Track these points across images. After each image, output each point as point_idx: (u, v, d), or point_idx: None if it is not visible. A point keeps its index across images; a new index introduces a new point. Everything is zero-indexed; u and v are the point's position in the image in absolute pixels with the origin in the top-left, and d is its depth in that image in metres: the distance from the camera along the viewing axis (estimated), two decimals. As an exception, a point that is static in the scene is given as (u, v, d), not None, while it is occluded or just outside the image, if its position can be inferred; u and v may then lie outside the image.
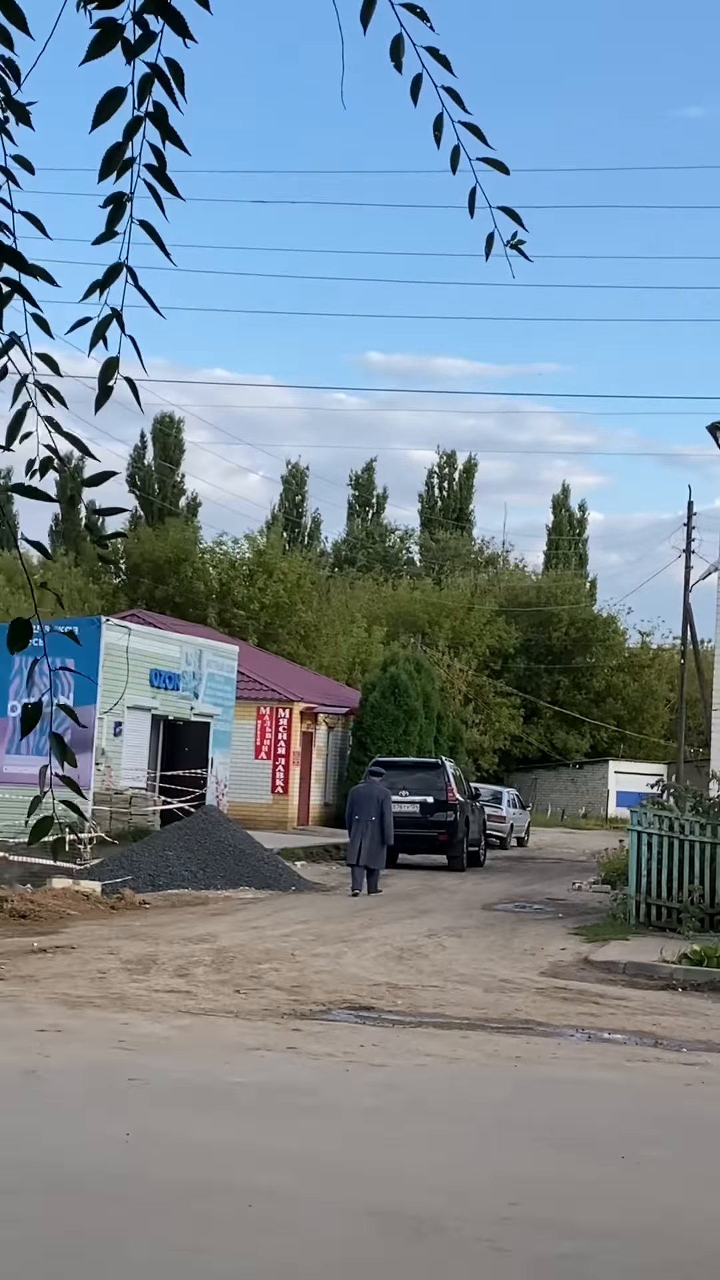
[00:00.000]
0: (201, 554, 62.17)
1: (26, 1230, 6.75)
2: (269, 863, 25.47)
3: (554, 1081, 10.56)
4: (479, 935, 19.35)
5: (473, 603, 70.76)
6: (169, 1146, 8.29)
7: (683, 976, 15.86)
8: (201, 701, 35.55)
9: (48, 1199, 7.20)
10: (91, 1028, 11.74)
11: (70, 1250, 6.52)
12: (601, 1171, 8.18)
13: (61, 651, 30.58)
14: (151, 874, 23.72)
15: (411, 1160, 8.24)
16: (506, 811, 43.32)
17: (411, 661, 47.48)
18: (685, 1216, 7.40)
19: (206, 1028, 12.00)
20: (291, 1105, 9.44)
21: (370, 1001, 13.70)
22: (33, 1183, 7.44)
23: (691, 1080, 10.80)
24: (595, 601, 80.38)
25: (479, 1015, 13.19)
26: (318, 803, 44.60)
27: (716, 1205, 7.64)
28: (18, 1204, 7.09)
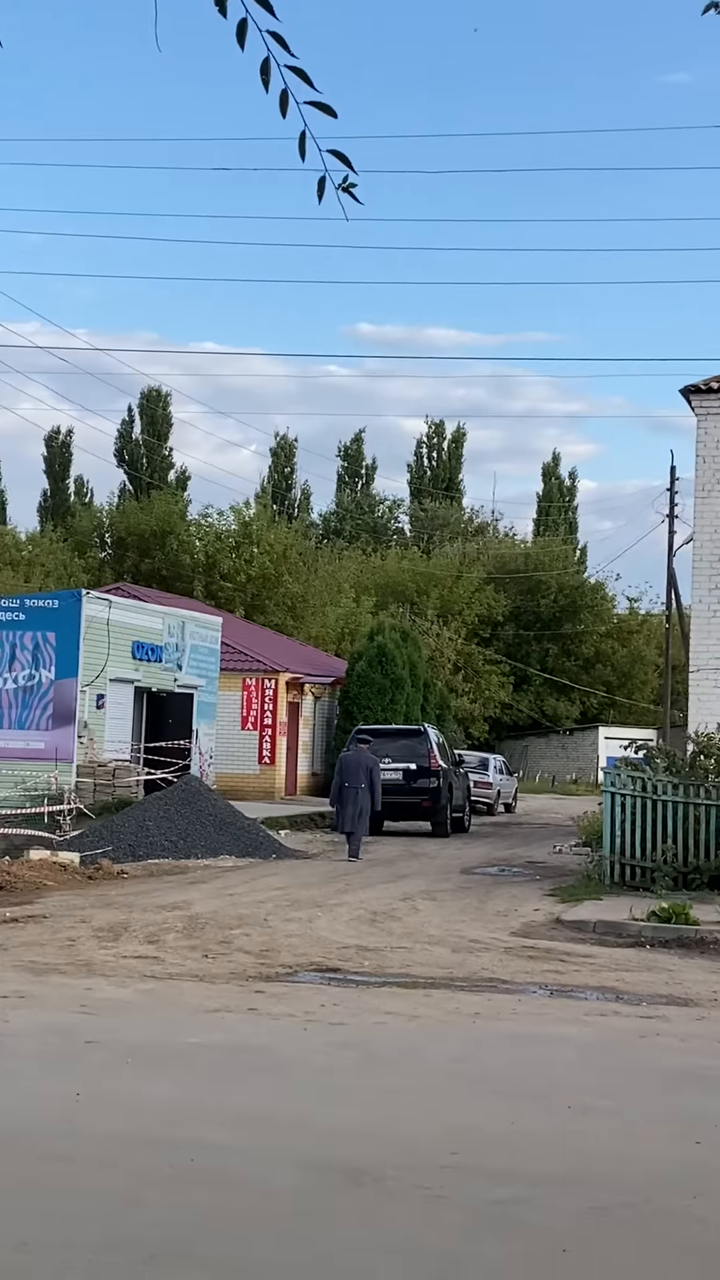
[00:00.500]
0: (187, 527, 62.14)
1: (-34, 1186, 6.83)
2: (250, 831, 25.55)
3: (511, 1036, 10.65)
4: (454, 898, 19.44)
5: (461, 571, 70.77)
6: (119, 1105, 8.37)
7: (651, 934, 15.95)
8: (185, 673, 35.55)
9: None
10: (54, 993, 11.82)
11: (8, 1205, 6.60)
12: (547, 1121, 8.27)
13: (43, 625, 30.72)
14: (131, 844, 23.79)
15: (359, 1114, 8.33)
16: (493, 778, 43.41)
17: (398, 630, 47.49)
18: (623, 1163, 7.48)
19: (170, 992, 12.08)
20: (246, 1064, 9.53)
21: (337, 964, 13.78)
22: (-22, 1141, 7.52)
23: (646, 1033, 10.89)
24: (585, 569, 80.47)
25: (444, 975, 13.28)
26: (305, 772, 44.68)
27: (654, 1152, 7.73)
28: (-40, 1161, 7.17)
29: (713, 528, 26.58)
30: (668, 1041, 10.63)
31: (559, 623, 72.75)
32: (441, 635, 66.05)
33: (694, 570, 27.16)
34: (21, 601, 32.27)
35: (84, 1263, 5.89)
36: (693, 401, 27.11)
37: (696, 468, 27.14)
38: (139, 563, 60.66)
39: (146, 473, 78.71)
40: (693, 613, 27.84)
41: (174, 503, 65.54)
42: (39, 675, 30.69)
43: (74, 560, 60.79)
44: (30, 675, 30.75)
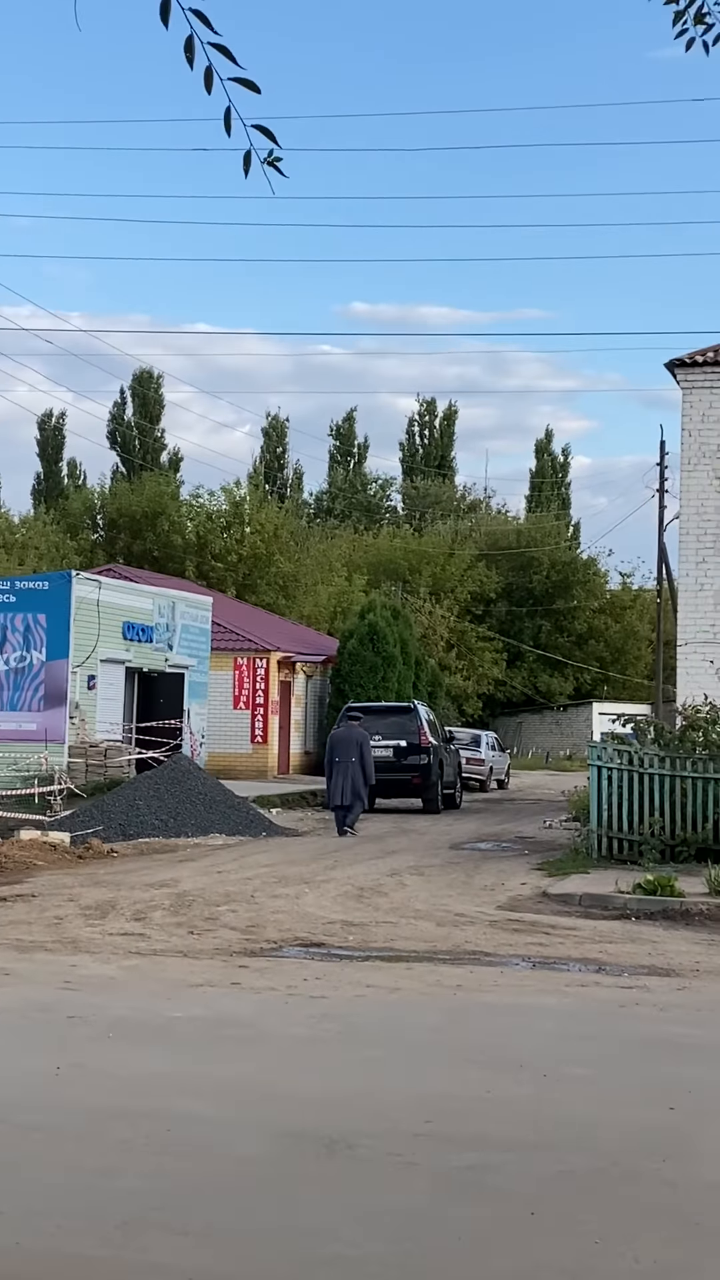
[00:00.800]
0: (179, 507, 62.14)
1: (-58, 1158, 6.90)
2: (240, 809, 25.63)
3: (491, 1007, 10.72)
4: (441, 873, 19.52)
5: (453, 549, 70.78)
6: (98, 1078, 8.43)
7: (636, 906, 16.04)
8: (176, 653, 35.62)
9: (-31, 1129, 7.34)
10: (39, 970, 11.89)
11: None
12: (522, 1090, 8.34)
13: (33, 607, 30.75)
14: (122, 823, 23.88)
15: (335, 1084, 8.40)
16: (485, 754, 43.47)
17: (389, 608, 47.55)
18: (595, 1129, 7.55)
19: (154, 968, 12.15)
20: (226, 1037, 9.59)
21: (322, 938, 13.86)
22: (-45, 1114, 7.58)
23: (626, 1003, 10.96)
24: (578, 545, 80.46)
25: (427, 949, 13.35)
26: (298, 751, 44.77)
27: (627, 1117, 7.80)
28: (-63, 1134, 7.24)
29: (698, 502, 26.64)
30: (647, 1011, 10.70)
31: (552, 599, 72.78)
32: (434, 613, 66.12)
33: (680, 545, 27.23)
34: (12, 583, 32.31)
35: (53, 1229, 5.96)
36: (678, 375, 27.14)
37: (682, 441, 27.19)
38: (131, 544, 60.70)
39: (139, 455, 78.70)
40: (680, 587, 27.91)
41: (165, 484, 65.52)
42: (30, 657, 30.75)
43: (66, 542, 60.82)
44: (21, 657, 30.80)
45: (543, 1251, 5.83)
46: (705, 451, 26.79)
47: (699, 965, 12.77)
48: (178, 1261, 5.68)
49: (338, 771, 26.27)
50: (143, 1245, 5.84)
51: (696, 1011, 10.74)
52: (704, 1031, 10.07)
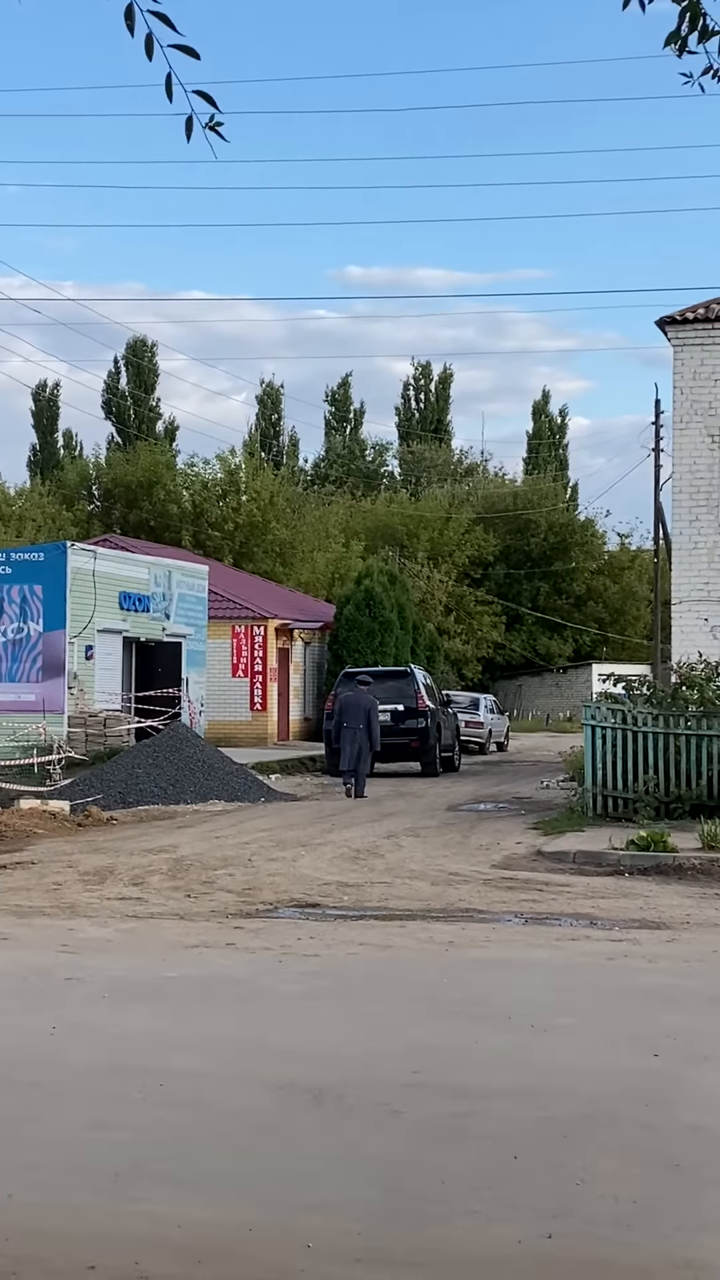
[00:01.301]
0: (174, 476, 62.14)
1: (-62, 1115, 7.04)
2: (238, 776, 25.78)
3: (481, 962, 10.86)
4: (437, 834, 19.67)
5: (450, 513, 70.79)
6: (93, 1037, 8.57)
7: (629, 862, 16.18)
8: (173, 622, 35.73)
9: (-35, 1087, 7.48)
10: (37, 934, 12.04)
11: (-21, 1131, 6.80)
12: (509, 1040, 8.48)
13: (29, 578, 30.85)
14: (121, 791, 24.03)
15: (325, 1038, 8.54)
16: (484, 717, 43.63)
17: (385, 574, 47.62)
18: (579, 1077, 7.69)
19: (150, 930, 12.30)
20: (220, 995, 9.74)
21: (317, 899, 14.01)
22: (-49, 1073, 7.72)
23: (615, 955, 11.10)
24: (576, 506, 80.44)
25: (421, 907, 13.50)
26: (297, 717, 44.92)
27: (612, 1065, 7.94)
28: (-67, 1093, 7.38)
29: (691, 460, 26.69)
30: (636, 963, 10.84)
31: (550, 561, 72.80)
32: (432, 578, 66.20)
33: (674, 503, 27.30)
34: (7, 555, 32.39)
35: (46, 1181, 6.10)
36: (669, 333, 27.15)
37: (674, 400, 27.23)
38: (127, 514, 60.76)
39: (134, 425, 78.69)
40: (674, 546, 27.98)
41: (160, 453, 65.52)
42: (27, 628, 30.86)
43: (62, 513, 60.86)
44: (19, 628, 30.92)
45: (524, 1193, 5.97)
46: (697, 409, 26.83)
47: (689, 918, 12.92)
48: (169, 1210, 5.81)
49: (345, 736, 26.61)
50: (135, 1195, 5.98)
51: (684, 963, 10.88)
52: (691, 981, 10.22)
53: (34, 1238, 5.54)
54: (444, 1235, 5.56)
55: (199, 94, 3.51)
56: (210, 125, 3.58)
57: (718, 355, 26.80)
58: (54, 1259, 5.35)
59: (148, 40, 3.55)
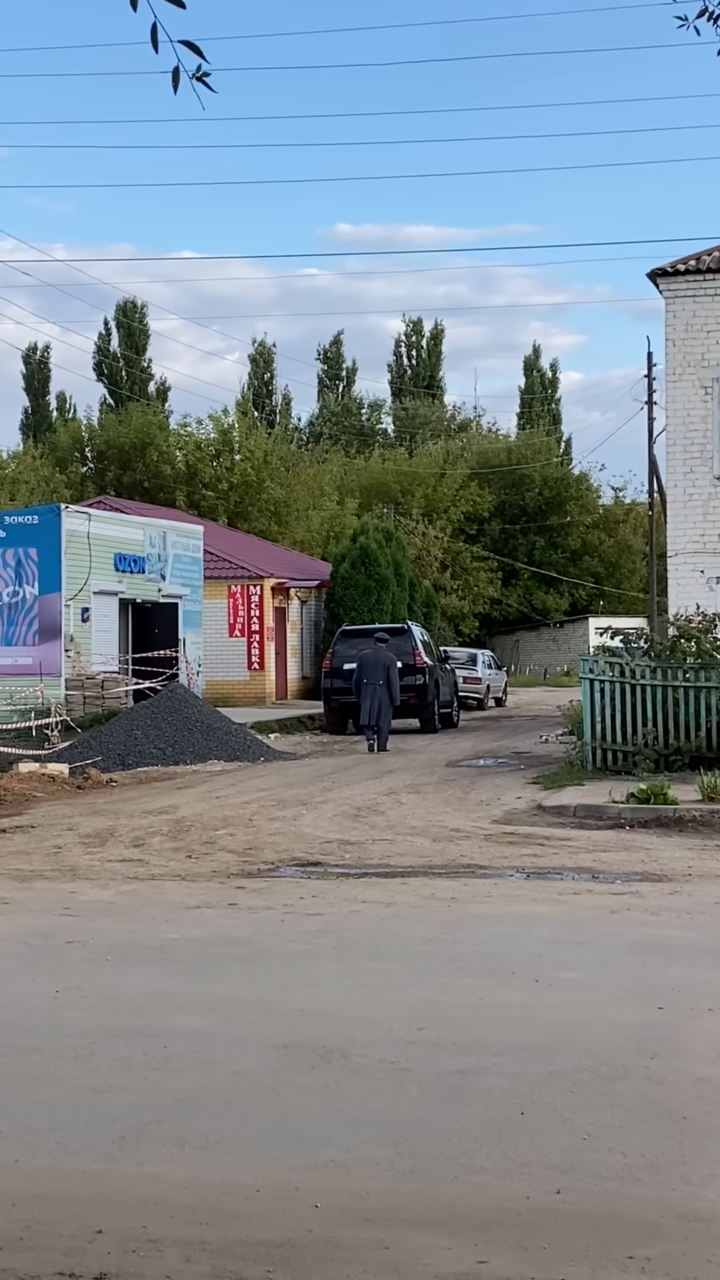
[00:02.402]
0: (167, 437, 61.92)
1: (-58, 1081, 7.01)
2: (237, 736, 25.75)
3: (484, 918, 10.85)
4: (437, 790, 19.66)
5: (445, 469, 70.63)
6: (96, 1000, 8.55)
7: (630, 815, 16.17)
8: (169, 583, 35.64)
9: (-32, 1053, 7.46)
10: (38, 898, 12.01)
11: (-17, 1096, 6.78)
12: (514, 996, 8.46)
13: (24, 542, 30.75)
14: (121, 753, 24.00)
15: (329, 997, 8.52)
16: (482, 673, 43.60)
17: (381, 531, 47.48)
18: (585, 1030, 7.67)
19: (152, 892, 12.28)
20: (223, 955, 9.72)
21: (319, 858, 13.99)
22: (-45, 1039, 7.70)
23: (618, 908, 11.09)
24: (571, 461, 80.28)
25: (423, 864, 13.48)
26: (295, 676, 44.88)
27: (617, 1018, 7.92)
28: (-63, 1058, 7.35)
29: (684, 412, 26.59)
30: (638, 915, 10.83)
31: (545, 515, 72.71)
32: (427, 534, 66.08)
33: (668, 455, 27.22)
34: (1, 519, 32.27)
35: (51, 1146, 6.07)
36: (660, 285, 27.02)
37: (667, 352, 27.11)
38: (120, 475, 60.58)
39: (126, 386, 78.36)
40: (669, 498, 27.91)
41: (153, 414, 65.26)
42: (22, 591, 30.78)
43: (56, 476, 60.65)
44: (14, 592, 30.84)
45: (531, 1149, 5.95)
46: (690, 361, 26.71)
47: (691, 870, 12.91)
48: (174, 1172, 5.79)
49: (366, 693, 27.33)
50: (140, 1158, 5.96)
51: (687, 915, 10.87)
52: (694, 934, 10.20)
53: (41, 1202, 5.52)
54: (452, 1193, 5.54)
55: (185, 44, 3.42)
56: (197, 76, 3.50)
57: (709, 307, 26.67)
58: (61, 1223, 5.33)
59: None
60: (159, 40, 3.30)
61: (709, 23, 5.13)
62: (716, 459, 26.51)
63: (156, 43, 3.33)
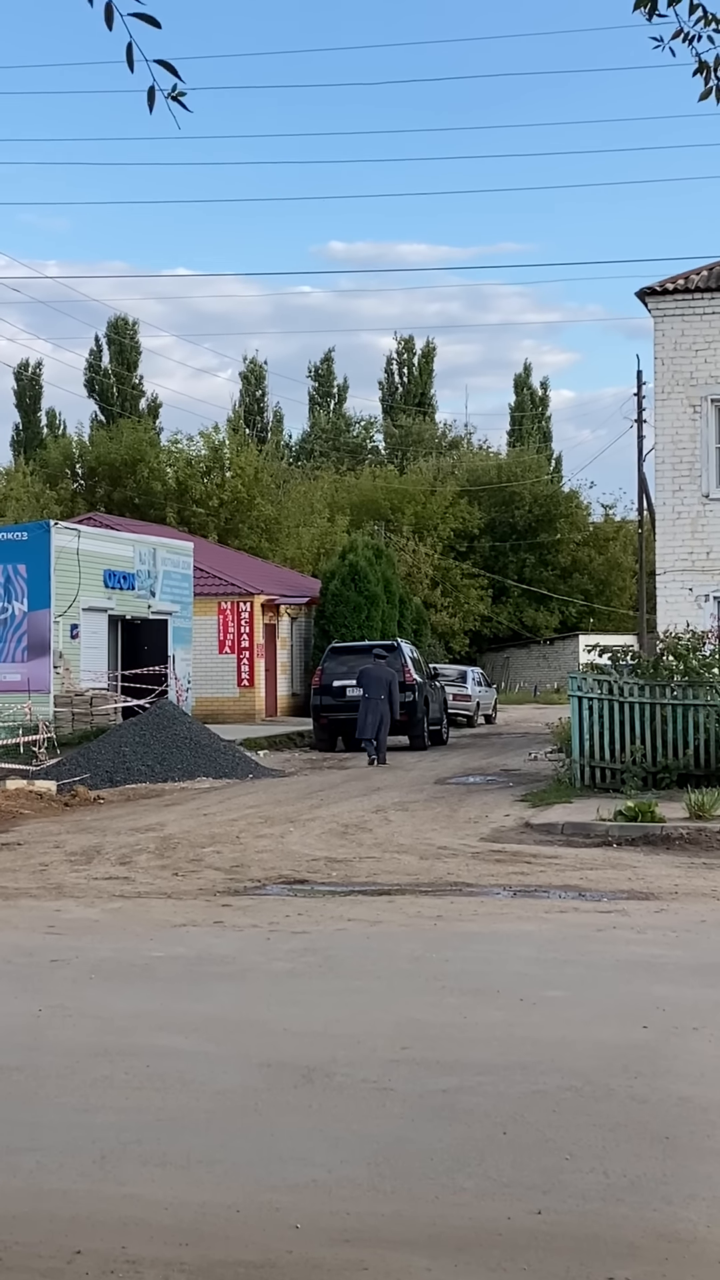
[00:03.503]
0: (158, 454, 61.92)
1: None
2: (226, 753, 25.71)
3: (470, 936, 10.83)
4: (426, 808, 19.63)
5: (435, 486, 70.69)
6: (79, 1018, 8.52)
7: (618, 833, 16.16)
8: (159, 599, 35.64)
9: (-50, 1072, 7.42)
10: (23, 916, 11.98)
11: (-36, 1116, 6.75)
12: (498, 1014, 8.44)
13: (12, 558, 30.71)
14: (109, 770, 23.96)
15: (313, 1015, 8.49)
16: (472, 690, 43.60)
17: (370, 548, 47.48)
18: (568, 1049, 7.66)
19: (137, 910, 12.25)
20: (207, 973, 9.69)
21: (306, 875, 13.97)
22: (-63, 1058, 7.66)
23: (604, 926, 11.08)
24: (561, 478, 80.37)
25: (410, 881, 13.46)
26: (285, 693, 44.84)
27: (601, 1037, 7.90)
28: None
29: (673, 429, 26.63)
30: (624, 934, 10.82)
31: (535, 533, 72.76)
32: (418, 551, 66.10)
33: (656, 474, 27.25)
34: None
35: (31, 1166, 6.05)
36: (649, 304, 27.08)
37: (656, 371, 27.15)
38: (111, 492, 60.57)
39: (117, 403, 78.45)
40: (657, 516, 27.93)
41: (144, 431, 65.27)
42: (11, 608, 30.76)
43: (46, 492, 60.61)
44: (3, 608, 30.82)
45: (513, 1169, 5.93)
46: (678, 380, 26.76)
47: (678, 888, 12.90)
48: (155, 1192, 5.77)
49: (368, 707, 27.97)
50: (121, 1178, 5.93)
51: (673, 933, 10.86)
52: (679, 952, 10.19)
53: (19, 1223, 5.49)
54: (434, 1213, 5.52)
55: (160, 63, 3.43)
56: (173, 95, 3.50)
57: (698, 325, 26.73)
58: (40, 1244, 5.30)
59: (107, 9, 3.48)
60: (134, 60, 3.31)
61: (684, 43, 5.14)
62: (705, 477, 26.54)
63: (132, 62, 3.34)
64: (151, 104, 3.49)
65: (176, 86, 3.48)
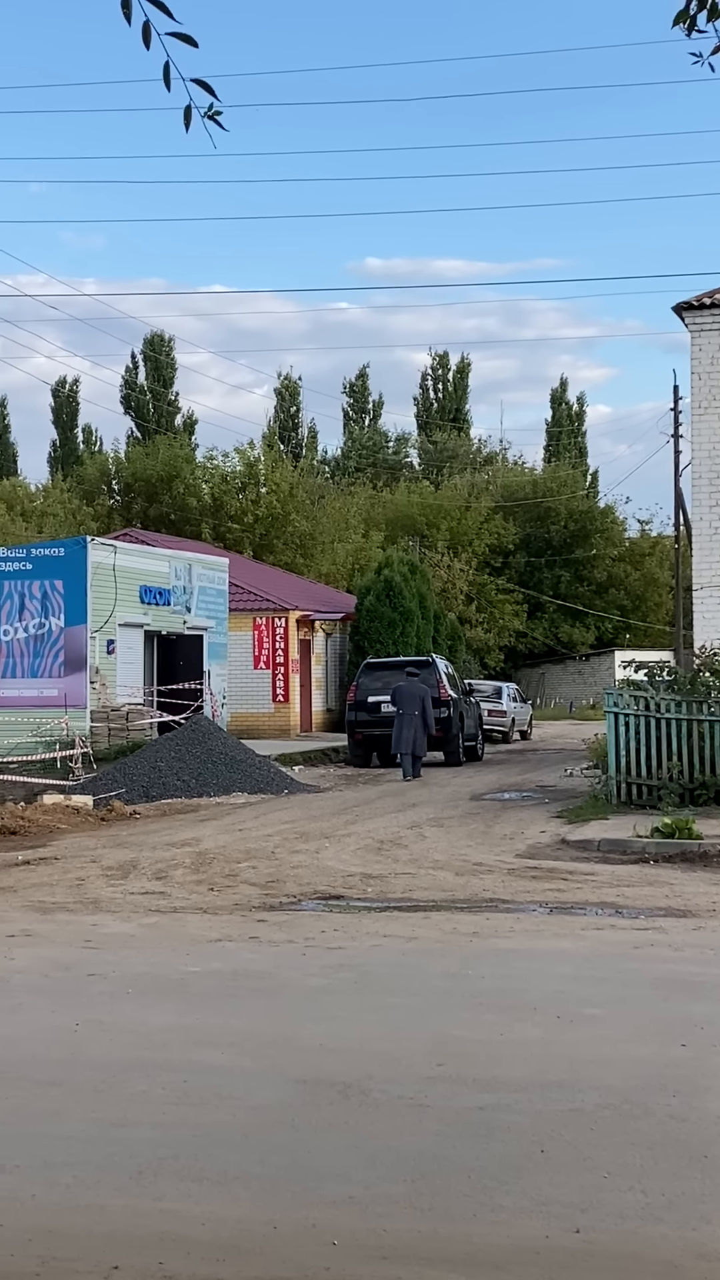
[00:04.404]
0: (193, 470, 62.10)
1: (-40, 1114, 7.00)
2: (261, 768, 25.73)
3: (507, 953, 10.79)
4: (461, 824, 19.60)
5: (470, 502, 70.68)
6: (116, 1033, 8.53)
7: (654, 849, 16.10)
8: (194, 615, 35.69)
9: (-12, 1086, 7.44)
10: (60, 930, 12.00)
11: (2, 1130, 6.75)
12: (535, 1032, 8.41)
13: (50, 574, 30.83)
14: (144, 785, 24.01)
15: (349, 1031, 8.48)
16: (507, 706, 43.53)
17: (405, 563, 47.48)
18: (606, 1067, 7.62)
19: (173, 925, 12.25)
20: (243, 989, 9.69)
21: (341, 891, 13.95)
22: (-26, 1072, 7.68)
23: (641, 944, 11.03)
24: (596, 493, 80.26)
25: (445, 897, 13.44)
26: (319, 709, 44.85)
27: (639, 1055, 7.87)
28: (-44, 1091, 7.34)
29: (710, 445, 26.54)
30: (662, 951, 10.77)
31: (570, 549, 72.68)
32: (453, 567, 66.08)
33: (693, 489, 27.16)
34: (28, 551, 32.38)
35: (69, 1180, 6.05)
36: (686, 319, 27.01)
37: (692, 385, 27.08)
38: (147, 508, 60.78)
39: (153, 419, 78.72)
40: (694, 531, 27.84)
41: (179, 447, 65.49)
42: (49, 623, 30.86)
43: (83, 509, 60.91)
44: (40, 624, 30.91)
45: (551, 1187, 5.91)
46: (715, 394, 26.67)
47: (715, 905, 12.83)
48: (192, 1208, 5.77)
49: (403, 722, 28.24)
50: (158, 1193, 5.93)
51: (710, 950, 10.81)
52: (717, 970, 10.14)
53: (57, 1238, 5.50)
54: (471, 1231, 5.50)
55: (197, 82, 3.45)
56: (209, 114, 3.52)
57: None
58: (78, 1259, 5.31)
59: (145, 28, 3.49)
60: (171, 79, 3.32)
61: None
62: (742, 492, 26.43)
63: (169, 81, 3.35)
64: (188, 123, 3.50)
65: (213, 105, 3.49)
